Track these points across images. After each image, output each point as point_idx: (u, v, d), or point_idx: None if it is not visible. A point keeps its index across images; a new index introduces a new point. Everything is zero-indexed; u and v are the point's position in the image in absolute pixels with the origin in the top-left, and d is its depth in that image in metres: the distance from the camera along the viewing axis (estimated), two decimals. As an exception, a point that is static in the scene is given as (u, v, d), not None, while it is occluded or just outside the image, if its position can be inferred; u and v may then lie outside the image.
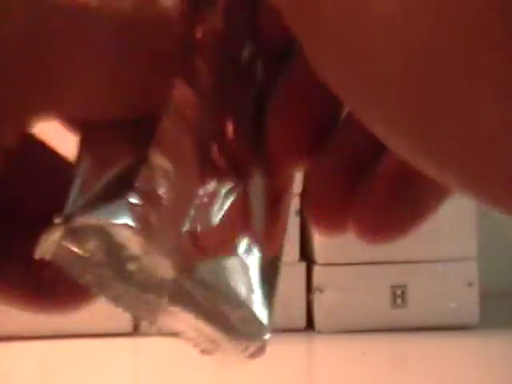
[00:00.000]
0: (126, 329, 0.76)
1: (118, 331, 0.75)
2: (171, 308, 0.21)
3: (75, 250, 0.20)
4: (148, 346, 0.75)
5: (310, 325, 0.79)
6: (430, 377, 0.64)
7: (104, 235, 0.20)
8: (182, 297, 0.21)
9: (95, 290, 0.21)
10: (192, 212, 0.21)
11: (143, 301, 0.21)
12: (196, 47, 0.22)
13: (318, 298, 0.78)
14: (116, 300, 0.21)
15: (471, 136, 0.16)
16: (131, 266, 0.20)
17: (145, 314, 0.21)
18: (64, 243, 0.19)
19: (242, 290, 0.22)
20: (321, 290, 0.78)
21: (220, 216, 0.22)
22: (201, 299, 0.21)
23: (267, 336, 0.23)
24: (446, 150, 0.16)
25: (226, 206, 0.22)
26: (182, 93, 0.21)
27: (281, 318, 0.80)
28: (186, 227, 0.21)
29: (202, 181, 0.22)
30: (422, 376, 0.66)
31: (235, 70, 0.24)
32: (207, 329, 0.22)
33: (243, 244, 0.23)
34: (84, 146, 0.22)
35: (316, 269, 0.78)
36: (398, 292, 0.79)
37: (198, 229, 0.21)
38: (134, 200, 0.20)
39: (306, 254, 0.79)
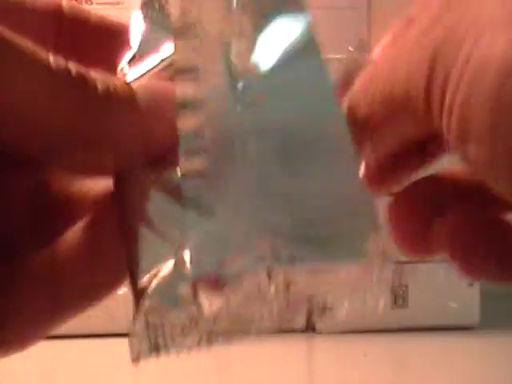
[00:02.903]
0: (126, 329, 0.75)
1: (118, 331, 0.75)
2: None
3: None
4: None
5: (310, 325, 0.78)
6: (430, 377, 0.64)
7: None
8: None
9: None
10: None
11: None
12: None
13: (318, 299, 0.78)
14: None
15: None
16: None
17: None
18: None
19: None
20: (321, 291, 0.78)
21: None
22: None
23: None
24: None
25: None
26: None
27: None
28: None
29: None
30: (423, 376, 0.65)
31: None
32: None
33: None
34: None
35: (316, 269, 0.78)
36: (399, 292, 0.79)
37: None
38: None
39: (306, 254, 0.79)
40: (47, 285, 0.23)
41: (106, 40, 0.24)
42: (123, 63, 0.23)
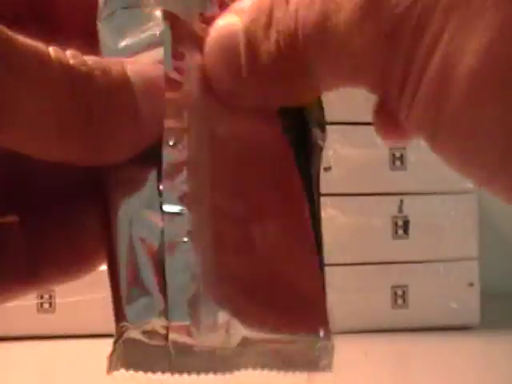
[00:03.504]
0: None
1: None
2: None
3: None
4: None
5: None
6: (431, 377, 0.64)
7: None
8: None
9: None
10: None
11: None
12: None
13: (318, 298, 0.78)
14: None
15: None
16: None
17: None
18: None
19: None
20: (321, 290, 0.78)
21: None
22: None
23: None
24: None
25: None
26: None
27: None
28: None
29: None
30: (423, 376, 0.65)
31: None
32: None
33: None
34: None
35: (317, 269, 0.78)
36: (399, 292, 0.79)
37: None
38: None
39: (306, 254, 0.79)
40: (26, 253, 0.23)
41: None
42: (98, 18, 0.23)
